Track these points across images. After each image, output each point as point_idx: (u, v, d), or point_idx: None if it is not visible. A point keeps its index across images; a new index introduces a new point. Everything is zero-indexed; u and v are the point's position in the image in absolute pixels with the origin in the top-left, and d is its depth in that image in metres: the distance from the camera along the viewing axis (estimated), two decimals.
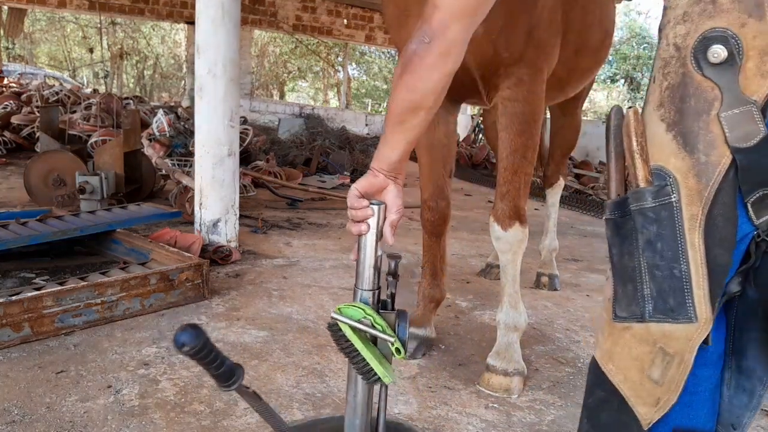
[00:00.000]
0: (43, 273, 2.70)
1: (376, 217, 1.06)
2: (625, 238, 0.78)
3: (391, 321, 1.06)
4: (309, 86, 25.99)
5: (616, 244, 0.79)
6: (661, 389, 0.77)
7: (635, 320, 0.77)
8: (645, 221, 0.75)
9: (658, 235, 0.74)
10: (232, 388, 1.07)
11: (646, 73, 20.78)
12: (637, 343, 0.77)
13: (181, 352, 0.96)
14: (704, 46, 0.69)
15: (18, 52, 17.72)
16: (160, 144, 4.64)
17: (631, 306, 0.77)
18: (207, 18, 2.97)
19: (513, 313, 1.93)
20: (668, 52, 0.73)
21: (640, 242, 0.76)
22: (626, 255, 0.77)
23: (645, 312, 0.75)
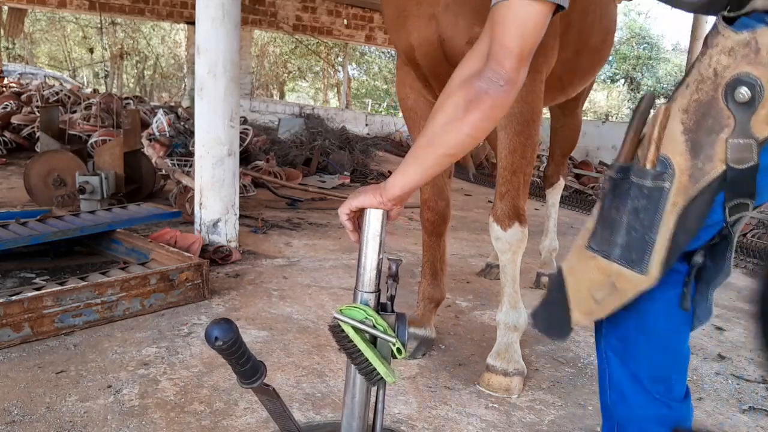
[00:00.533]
0: (43, 273, 2.70)
1: (378, 222, 1.07)
2: (616, 196, 0.97)
3: (391, 323, 1.07)
4: (309, 86, 26.00)
5: (609, 197, 0.99)
6: (597, 307, 1.02)
7: (602, 255, 0.99)
8: (639, 193, 0.95)
9: (644, 208, 0.95)
10: (255, 386, 1.07)
11: (646, 73, 20.79)
12: (596, 271, 1.01)
13: (213, 347, 0.95)
14: (736, 84, 0.85)
15: (18, 52, 17.73)
16: (160, 144, 4.65)
17: (603, 245, 0.99)
18: (207, 18, 2.97)
19: (513, 313, 1.93)
20: (708, 73, 0.89)
21: (628, 206, 0.96)
22: (613, 209, 0.98)
23: (612, 253, 0.97)
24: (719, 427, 1.80)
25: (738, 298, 3.14)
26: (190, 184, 3.68)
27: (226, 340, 0.95)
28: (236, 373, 1.04)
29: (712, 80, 0.89)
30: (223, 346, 0.95)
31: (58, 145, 4.60)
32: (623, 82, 22.15)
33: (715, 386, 2.09)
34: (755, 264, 3.99)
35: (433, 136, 1.03)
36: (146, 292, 2.29)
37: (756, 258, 4.11)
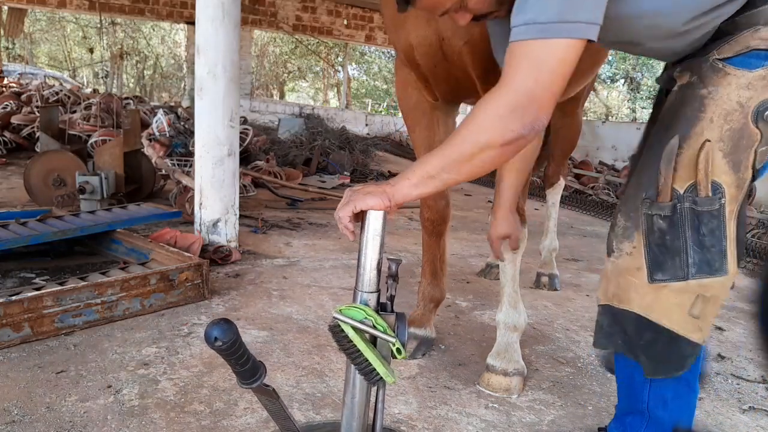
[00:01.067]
0: (43, 273, 2.70)
1: (379, 222, 1.07)
2: (674, 228, 1.15)
3: (391, 322, 1.07)
4: (309, 86, 25.99)
5: (663, 232, 1.16)
6: (700, 321, 1.17)
7: (675, 280, 1.16)
8: (710, 217, 1.14)
9: (716, 226, 1.14)
10: (254, 386, 1.07)
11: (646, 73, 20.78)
12: (676, 295, 1.16)
13: (213, 347, 0.95)
14: (763, 108, 1.08)
15: (18, 52, 17.72)
16: (160, 144, 4.65)
17: (671, 272, 1.16)
18: (207, 18, 2.97)
19: (512, 313, 1.93)
20: (732, 106, 1.10)
21: (687, 230, 1.15)
22: (674, 240, 1.15)
23: (688, 274, 1.15)
24: (719, 427, 1.80)
25: (738, 298, 3.14)
26: (190, 184, 3.68)
27: (226, 340, 0.95)
28: (236, 373, 1.04)
29: (739, 111, 1.09)
30: (222, 346, 0.95)
31: (58, 145, 4.60)
32: (623, 82, 22.13)
33: (715, 386, 2.09)
34: (755, 264, 3.99)
35: (452, 163, 1.07)
36: (146, 292, 2.29)
37: (756, 258, 4.11)
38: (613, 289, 1.24)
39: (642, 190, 1.19)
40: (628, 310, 1.21)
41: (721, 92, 1.10)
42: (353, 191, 1.10)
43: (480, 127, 1.03)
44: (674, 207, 1.14)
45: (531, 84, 1.00)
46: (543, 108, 1.03)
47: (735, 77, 1.09)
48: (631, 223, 1.20)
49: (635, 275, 1.19)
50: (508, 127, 1.01)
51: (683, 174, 1.13)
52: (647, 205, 1.16)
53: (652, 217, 1.16)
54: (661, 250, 1.16)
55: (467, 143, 1.04)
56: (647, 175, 1.19)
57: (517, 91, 1.01)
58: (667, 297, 1.17)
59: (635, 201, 1.20)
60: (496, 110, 1.02)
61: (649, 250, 1.17)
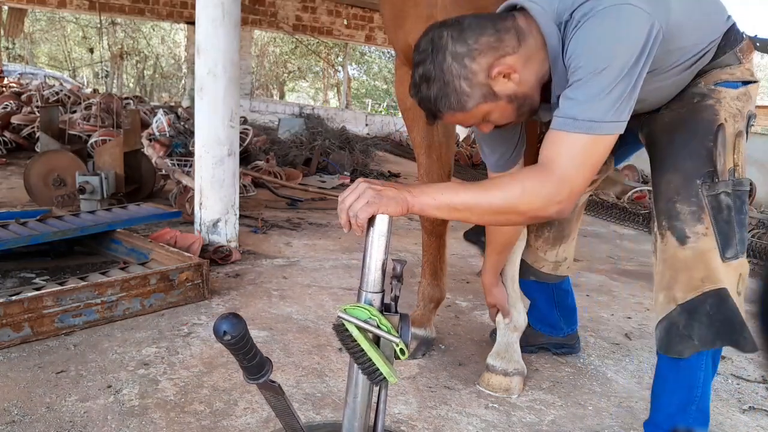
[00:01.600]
0: (43, 273, 2.70)
1: (385, 223, 1.07)
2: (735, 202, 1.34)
3: (395, 323, 1.07)
4: (309, 86, 25.99)
5: (732, 207, 1.33)
6: (741, 298, 1.37)
7: (735, 258, 1.33)
8: (742, 195, 1.35)
9: (746, 204, 1.36)
10: (260, 382, 1.07)
11: None
12: (734, 272, 1.34)
13: (221, 341, 0.95)
14: (750, 117, 1.40)
15: (18, 52, 17.72)
16: (160, 144, 4.65)
17: (734, 249, 1.32)
18: (207, 18, 2.97)
19: (512, 312, 1.93)
20: (734, 111, 1.37)
21: (741, 211, 1.34)
22: (735, 215, 1.32)
23: (740, 251, 1.33)
24: (719, 427, 1.80)
25: None
26: (190, 184, 3.68)
27: (235, 334, 0.95)
28: (242, 368, 1.04)
29: (740, 115, 1.37)
30: (231, 340, 0.95)
31: (58, 145, 4.60)
32: None
33: (715, 386, 2.09)
34: (755, 264, 3.99)
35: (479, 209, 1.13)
36: (146, 292, 2.29)
37: (756, 258, 4.11)
38: (702, 274, 1.32)
39: (692, 177, 1.34)
40: (725, 287, 1.32)
41: (724, 102, 1.36)
42: (370, 186, 1.06)
43: (522, 197, 1.11)
44: (732, 185, 1.32)
45: (576, 177, 1.12)
46: (576, 196, 1.15)
47: (727, 92, 1.37)
48: (696, 207, 1.32)
49: (714, 254, 1.31)
50: (547, 208, 1.13)
51: (725, 160, 1.33)
52: (707, 186, 1.32)
53: (718, 196, 1.31)
54: (729, 226, 1.31)
55: (502, 201, 1.12)
56: (690, 165, 1.35)
57: (564, 182, 1.11)
58: (732, 275, 1.33)
59: (690, 188, 1.34)
60: (542, 191, 1.12)
61: (719, 229, 1.31)
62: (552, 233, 1.92)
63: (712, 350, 1.40)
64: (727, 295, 1.31)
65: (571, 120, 1.12)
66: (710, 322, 1.31)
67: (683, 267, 1.34)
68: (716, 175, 1.32)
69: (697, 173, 1.33)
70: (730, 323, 1.31)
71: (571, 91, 1.14)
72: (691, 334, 1.33)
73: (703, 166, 1.33)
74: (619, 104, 1.12)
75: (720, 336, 1.32)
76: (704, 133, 1.35)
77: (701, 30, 1.34)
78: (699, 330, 1.32)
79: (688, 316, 1.34)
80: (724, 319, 1.31)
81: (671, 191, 1.37)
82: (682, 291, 1.34)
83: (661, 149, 1.44)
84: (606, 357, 2.27)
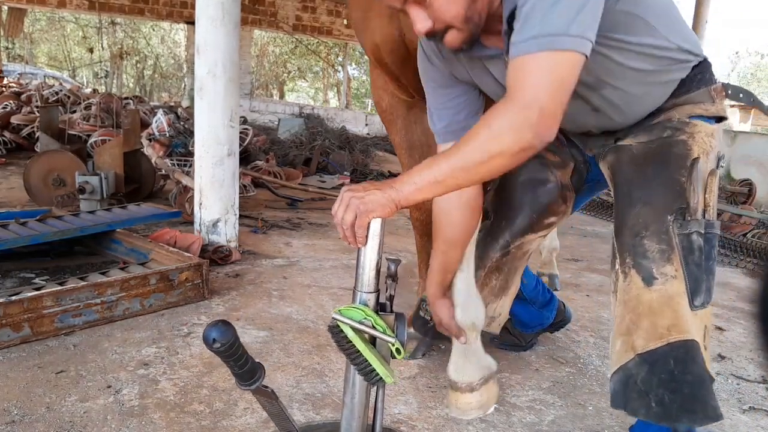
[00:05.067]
0: (43, 273, 2.70)
1: (377, 222, 1.07)
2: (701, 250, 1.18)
3: (390, 323, 1.07)
4: (309, 86, 25.98)
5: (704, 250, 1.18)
6: (707, 353, 1.17)
7: (703, 307, 1.16)
8: (712, 239, 1.19)
9: (715, 248, 1.20)
10: (253, 388, 1.07)
11: None
12: (700, 323, 1.17)
13: (211, 349, 0.95)
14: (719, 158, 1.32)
15: (18, 52, 17.71)
16: (160, 144, 4.65)
17: (703, 297, 1.16)
18: (207, 18, 2.97)
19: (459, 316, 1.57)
20: (707, 148, 1.28)
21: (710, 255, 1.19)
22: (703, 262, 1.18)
23: (708, 300, 1.17)
24: (719, 427, 1.80)
25: (738, 298, 3.14)
26: (189, 184, 3.67)
27: (224, 342, 0.95)
28: (234, 375, 1.04)
29: (712, 153, 1.26)
30: (220, 348, 0.95)
31: (57, 145, 4.60)
32: None
33: (715, 386, 2.09)
34: (755, 264, 3.99)
35: (461, 170, 1.05)
36: (146, 292, 2.28)
37: (756, 258, 4.11)
38: (668, 321, 1.14)
39: (663, 212, 1.19)
40: (694, 339, 1.13)
41: (697, 137, 1.26)
42: (354, 195, 1.04)
43: (493, 137, 1.02)
44: (704, 227, 1.18)
45: (543, 96, 1.00)
46: (555, 119, 1.03)
47: (702, 126, 1.27)
48: (666, 245, 1.17)
49: (682, 300, 1.15)
50: (523, 138, 1.01)
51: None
52: (678, 224, 1.17)
53: (690, 236, 1.17)
54: (699, 271, 1.16)
55: (479, 152, 1.04)
56: (662, 200, 1.21)
57: (530, 105, 1.00)
58: (699, 326, 1.16)
59: (661, 224, 1.19)
60: (511, 122, 1.01)
61: (689, 273, 1.15)
62: (499, 282, 1.62)
63: None
64: (696, 350, 1.13)
65: (532, 39, 1.00)
66: (674, 385, 1.11)
67: (647, 311, 1.16)
68: (689, 212, 1.17)
69: (669, 209, 1.19)
70: (698, 391, 1.12)
71: (526, 11, 1.02)
72: (649, 392, 1.13)
73: (674, 201, 1.19)
74: (582, 16, 0.99)
75: (685, 410, 1.11)
76: (677, 166, 1.22)
77: (674, 28, 1.24)
78: (658, 390, 1.12)
79: (648, 369, 1.14)
80: (692, 383, 1.12)
81: (639, 226, 1.21)
82: (643, 338, 1.15)
83: (629, 180, 1.30)
84: (606, 357, 2.27)
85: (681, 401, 1.10)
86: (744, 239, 4.54)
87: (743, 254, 4.21)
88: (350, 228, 1.04)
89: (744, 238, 4.58)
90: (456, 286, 1.48)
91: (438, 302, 1.50)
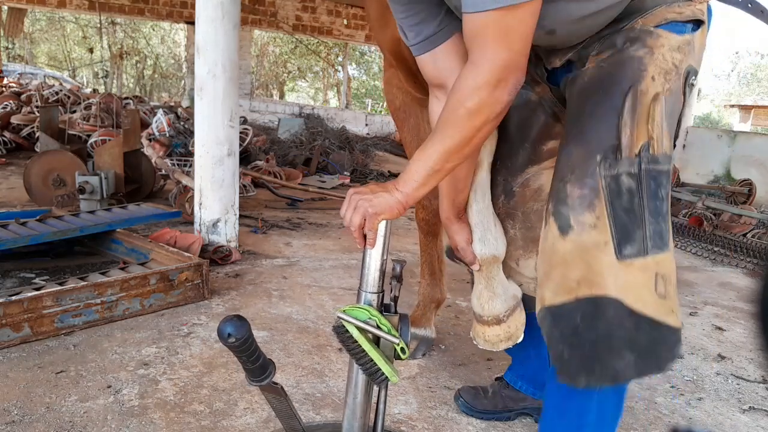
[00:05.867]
0: (43, 273, 2.70)
1: (383, 224, 1.07)
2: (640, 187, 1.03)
3: (394, 323, 1.07)
4: (309, 86, 25.98)
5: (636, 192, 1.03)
6: (669, 301, 1.03)
7: (640, 256, 1.02)
8: (666, 179, 1.05)
9: (666, 187, 1.05)
10: (264, 384, 1.07)
11: None
12: (642, 273, 1.02)
13: (226, 343, 0.96)
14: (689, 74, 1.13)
15: (18, 52, 17.70)
16: (160, 144, 4.65)
17: (635, 247, 1.02)
18: (207, 18, 2.97)
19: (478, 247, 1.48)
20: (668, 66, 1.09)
21: (656, 195, 1.04)
22: (640, 203, 1.03)
23: (647, 248, 1.02)
24: (719, 427, 1.80)
25: (738, 298, 3.14)
26: (189, 184, 3.67)
27: (239, 337, 0.95)
28: (246, 370, 1.04)
29: (675, 71, 1.07)
30: (235, 343, 0.95)
31: (57, 145, 4.60)
32: None
33: (715, 386, 2.09)
34: (755, 264, 3.99)
35: (454, 151, 1.04)
36: (146, 292, 2.28)
37: (756, 258, 4.11)
38: (578, 273, 1.02)
39: (592, 152, 1.05)
40: (606, 296, 1.00)
41: (657, 53, 1.07)
42: (362, 198, 1.04)
43: (472, 114, 1.00)
44: (639, 164, 1.03)
45: (506, 54, 0.97)
46: (520, 70, 1.00)
47: (667, 39, 1.08)
48: (588, 190, 1.03)
49: (604, 251, 1.01)
50: (499, 99, 1.00)
51: (637, 132, 1.04)
52: (607, 166, 1.03)
53: (618, 178, 1.02)
54: (629, 217, 1.02)
55: (463, 131, 1.02)
56: (594, 136, 1.06)
57: (494, 65, 0.97)
58: (635, 276, 1.02)
59: (587, 165, 1.05)
60: (483, 94, 0.99)
61: (616, 219, 1.02)
62: (519, 233, 1.38)
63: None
64: (607, 305, 1.00)
65: (469, 3, 0.96)
66: (575, 340, 1.02)
67: (559, 262, 1.05)
68: (620, 150, 1.03)
69: (599, 147, 1.05)
70: (600, 350, 1.01)
71: None
72: (549, 345, 1.07)
73: (607, 138, 1.04)
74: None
75: (583, 367, 1.02)
76: (620, 93, 1.05)
77: None
78: (558, 345, 1.05)
79: (551, 322, 1.07)
80: (594, 341, 1.01)
81: (566, 168, 1.08)
82: (551, 291, 1.07)
83: (571, 115, 1.16)
84: None
85: (580, 358, 1.02)
86: (744, 239, 4.54)
87: (743, 254, 4.21)
88: (358, 230, 1.05)
89: (744, 238, 4.59)
90: (472, 221, 1.38)
91: (453, 227, 1.39)
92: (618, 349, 1.00)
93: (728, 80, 29.43)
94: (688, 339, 2.52)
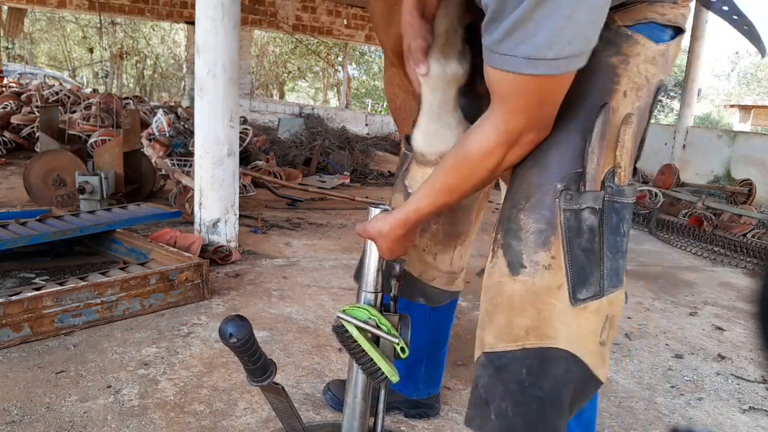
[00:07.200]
0: (43, 273, 2.70)
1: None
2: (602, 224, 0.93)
3: (394, 322, 1.07)
4: (309, 86, 25.99)
5: (597, 231, 0.92)
6: (605, 349, 0.95)
7: (595, 298, 0.92)
8: (623, 210, 0.94)
9: (628, 222, 0.95)
10: (265, 384, 1.07)
11: None
12: (594, 317, 0.92)
13: (227, 344, 0.96)
14: (659, 90, 0.99)
15: (18, 52, 17.71)
16: (160, 144, 4.65)
17: (591, 287, 0.91)
18: (207, 18, 2.97)
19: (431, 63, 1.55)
20: (641, 80, 0.97)
21: (618, 230, 0.94)
22: (595, 244, 0.92)
23: (603, 288, 0.92)
24: (719, 427, 1.80)
25: (738, 298, 3.14)
26: (189, 184, 3.67)
27: (240, 337, 0.95)
28: (247, 370, 1.04)
29: (646, 87, 0.95)
30: (237, 343, 0.95)
31: (57, 145, 4.60)
32: None
33: (715, 386, 2.09)
34: (755, 264, 3.99)
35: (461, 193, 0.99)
36: (146, 292, 2.28)
37: (756, 258, 4.11)
38: (526, 322, 0.91)
39: (552, 179, 0.91)
40: (556, 348, 0.90)
41: (632, 63, 0.93)
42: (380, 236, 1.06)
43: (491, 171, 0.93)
44: (604, 198, 0.91)
45: (535, 117, 0.88)
46: (546, 129, 0.91)
47: (644, 48, 0.94)
48: (544, 225, 0.91)
49: (557, 296, 0.90)
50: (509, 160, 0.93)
51: (604, 159, 0.92)
52: (568, 198, 0.90)
53: (579, 214, 0.90)
54: (588, 258, 0.91)
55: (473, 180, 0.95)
56: (555, 160, 0.92)
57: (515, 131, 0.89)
58: (587, 322, 0.92)
59: (544, 194, 0.91)
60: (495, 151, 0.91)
61: (573, 261, 0.90)
62: (442, 228, 1.37)
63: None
64: (557, 359, 0.90)
65: (524, 60, 0.78)
66: (521, 398, 0.91)
67: (506, 305, 0.93)
68: (583, 180, 0.90)
69: (560, 173, 0.91)
70: (548, 410, 0.91)
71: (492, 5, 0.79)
72: (490, 401, 0.93)
73: (570, 164, 0.91)
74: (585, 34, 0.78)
75: (531, 426, 0.90)
76: (587, 111, 0.91)
77: None
78: (502, 402, 0.92)
79: (493, 373, 0.93)
80: (542, 399, 0.90)
81: (520, 193, 0.95)
82: (494, 335, 0.95)
83: None
84: None
85: (526, 418, 0.90)
86: (744, 239, 4.54)
87: (743, 254, 4.21)
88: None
89: (744, 238, 4.59)
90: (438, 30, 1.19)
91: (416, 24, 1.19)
92: (565, 406, 0.92)
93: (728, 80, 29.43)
94: (688, 339, 2.52)
